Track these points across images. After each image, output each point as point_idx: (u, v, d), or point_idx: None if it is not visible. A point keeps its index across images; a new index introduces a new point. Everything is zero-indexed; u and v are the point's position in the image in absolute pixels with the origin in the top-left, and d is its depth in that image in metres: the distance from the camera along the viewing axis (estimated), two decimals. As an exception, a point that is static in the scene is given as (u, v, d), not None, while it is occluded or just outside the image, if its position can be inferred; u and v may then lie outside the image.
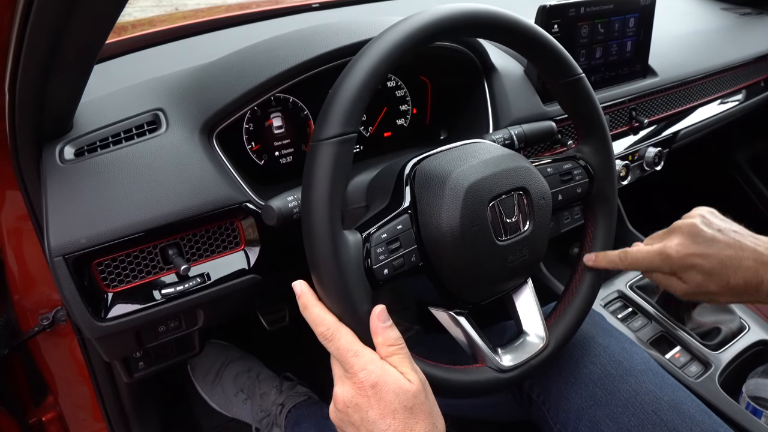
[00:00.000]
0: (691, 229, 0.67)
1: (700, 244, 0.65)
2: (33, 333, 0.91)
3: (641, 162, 1.23)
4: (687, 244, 0.66)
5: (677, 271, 0.67)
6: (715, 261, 0.64)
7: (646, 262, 0.69)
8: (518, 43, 0.69)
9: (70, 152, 0.68)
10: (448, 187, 0.62)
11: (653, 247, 0.69)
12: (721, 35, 1.50)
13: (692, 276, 0.65)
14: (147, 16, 3.27)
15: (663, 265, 0.67)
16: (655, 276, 0.71)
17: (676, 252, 0.66)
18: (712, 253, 0.64)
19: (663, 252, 0.67)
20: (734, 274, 0.63)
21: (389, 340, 0.55)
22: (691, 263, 0.65)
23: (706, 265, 0.64)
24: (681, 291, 0.68)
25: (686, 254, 0.65)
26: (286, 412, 1.18)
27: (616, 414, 0.74)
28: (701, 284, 0.65)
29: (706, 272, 0.64)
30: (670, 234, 0.69)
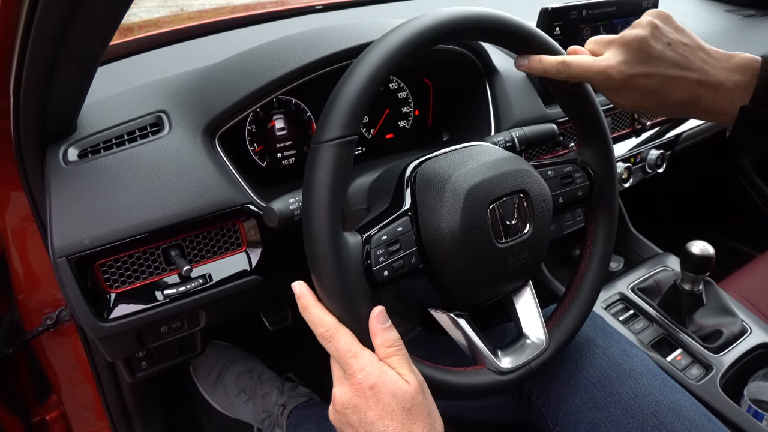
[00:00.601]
0: (638, 43, 0.62)
1: (645, 63, 0.62)
2: (37, 332, 0.92)
3: (643, 164, 1.23)
4: (631, 62, 0.62)
5: (617, 89, 0.64)
6: (657, 80, 0.61)
7: (586, 77, 0.65)
8: (519, 47, 0.69)
9: (73, 154, 0.68)
10: (448, 190, 0.62)
11: (596, 63, 0.64)
12: (724, 37, 1.50)
13: (630, 94, 0.63)
14: (153, 16, 3.29)
15: (603, 83, 0.64)
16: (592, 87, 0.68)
17: (619, 72, 0.62)
18: (656, 72, 0.61)
19: (605, 71, 0.63)
20: (672, 92, 0.61)
21: (388, 342, 0.56)
22: (632, 83, 0.62)
23: (647, 85, 0.62)
24: (616, 105, 0.66)
25: (629, 74, 0.62)
26: (287, 412, 1.19)
27: (615, 416, 0.74)
28: (637, 101, 0.63)
29: (646, 91, 0.62)
30: (616, 46, 0.64)
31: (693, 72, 0.62)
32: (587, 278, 0.77)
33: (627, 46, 0.63)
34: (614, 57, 0.63)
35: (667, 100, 0.62)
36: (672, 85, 0.62)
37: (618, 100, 0.66)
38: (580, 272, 0.78)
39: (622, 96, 0.64)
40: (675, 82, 0.61)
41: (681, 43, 0.63)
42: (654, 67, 0.62)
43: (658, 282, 1.15)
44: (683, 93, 0.61)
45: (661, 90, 0.62)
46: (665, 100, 0.62)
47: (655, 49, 0.62)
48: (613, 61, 0.63)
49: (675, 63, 0.62)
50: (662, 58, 0.62)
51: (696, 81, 0.61)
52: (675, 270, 1.19)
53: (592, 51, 0.67)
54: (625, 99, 0.64)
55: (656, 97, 0.62)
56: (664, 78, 0.62)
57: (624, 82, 0.62)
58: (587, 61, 0.65)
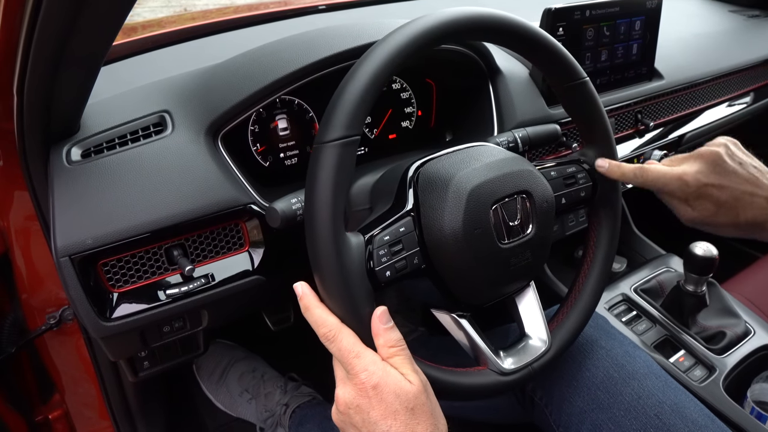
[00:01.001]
0: (714, 158, 0.65)
1: (720, 174, 0.64)
2: (40, 332, 0.92)
3: (647, 165, 1.22)
4: (707, 172, 0.65)
5: (690, 198, 0.66)
6: (730, 194, 0.63)
7: (661, 183, 0.68)
8: (522, 47, 0.69)
9: (77, 153, 0.69)
10: (450, 190, 0.62)
11: (672, 170, 0.67)
12: (728, 37, 1.49)
13: (704, 205, 0.65)
14: (156, 16, 3.29)
15: (677, 190, 0.66)
16: (667, 198, 0.69)
17: (695, 179, 0.65)
18: (730, 185, 0.64)
19: (681, 177, 0.66)
20: (745, 210, 0.63)
21: (390, 342, 0.56)
22: (706, 193, 0.64)
23: (721, 197, 0.64)
24: (688, 217, 0.67)
25: (704, 183, 0.64)
26: (290, 412, 1.19)
27: (618, 417, 0.73)
28: (710, 215, 0.65)
29: (719, 204, 0.64)
30: (692, 159, 0.67)
31: (763, 189, 0.64)
32: (590, 279, 0.77)
33: (702, 159, 0.66)
34: (690, 167, 0.66)
35: (740, 218, 0.63)
36: (744, 201, 0.63)
37: (690, 212, 0.67)
38: (583, 273, 0.78)
39: (696, 206, 0.66)
40: (747, 198, 0.63)
41: (751, 165, 0.66)
42: (728, 181, 0.64)
43: (661, 283, 1.15)
44: (755, 212, 0.63)
45: (734, 205, 0.64)
46: (737, 217, 0.64)
47: (729, 165, 0.65)
48: (690, 170, 0.66)
49: (747, 180, 0.64)
50: (735, 173, 0.64)
51: (766, 199, 0.63)
52: (678, 271, 1.18)
53: (667, 165, 0.70)
54: (699, 210, 0.66)
55: (729, 212, 0.64)
56: (737, 193, 0.64)
57: (699, 190, 0.65)
58: (664, 168, 0.68)
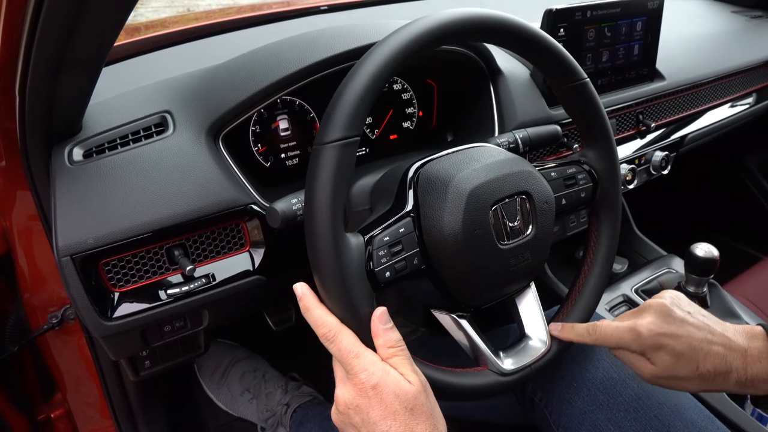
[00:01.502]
0: (662, 308, 0.65)
1: (671, 324, 0.63)
2: (42, 331, 0.92)
3: (648, 166, 1.22)
4: (658, 323, 0.64)
5: (646, 351, 0.64)
6: (686, 344, 0.62)
7: (614, 338, 0.66)
8: (522, 48, 0.69)
9: (78, 154, 0.69)
10: (450, 191, 0.62)
11: (623, 324, 0.66)
12: (731, 38, 1.49)
13: (661, 357, 0.63)
14: (159, 16, 3.30)
15: (632, 343, 0.65)
16: (623, 354, 0.68)
17: (647, 330, 0.64)
18: (683, 334, 0.63)
19: (634, 329, 0.64)
20: (704, 359, 0.62)
21: (390, 342, 0.56)
22: (662, 343, 0.63)
23: (677, 347, 0.62)
24: (649, 373, 0.65)
25: (657, 333, 0.63)
26: (291, 412, 1.19)
27: (618, 418, 0.74)
28: (670, 367, 0.63)
29: (677, 354, 0.62)
30: (641, 312, 0.67)
31: (717, 336, 0.63)
32: (590, 280, 0.77)
33: (650, 310, 0.66)
34: (642, 318, 0.65)
35: (700, 368, 0.62)
36: (701, 351, 0.62)
37: (650, 367, 0.65)
38: (584, 273, 0.78)
39: (654, 359, 0.64)
40: (705, 346, 0.62)
41: (699, 313, 0.66)
42: (681, 329, 0.63)
43: (662, 284, 1.15)
44: (715, 360, 0.62)
45: (691, 356, 0.62)
46: (697, 368, 0.62)
47: (678, 313, 0.64)
48: (641, 321, 0.65)
49: (699, 327, 0.63)
50: (685, 321, 0.64)
51: (723, 345, 0.62)
52: (679, 272, 1.18)
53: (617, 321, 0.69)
54: (658, 363, 0.64)
55: (688, 363, 0.62)
56: (692, 341, 0.62)
57: (654, 340, 0.63)
58: (615, 323, 0.67)
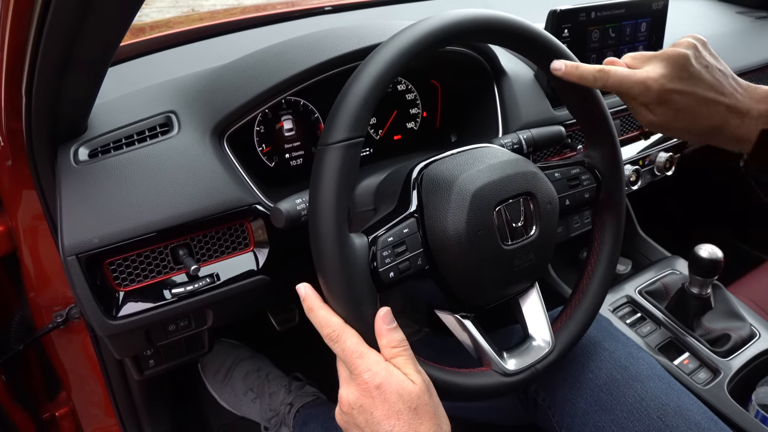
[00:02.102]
0: (681, 60, 0.63)
1: (684, 80, 0.62)
2: (47, 330, 0.93)
3: (652, 167, 1.22)
4: (671, 77, 0.62)
5: (651, 104, 0.64)
6: (693, 100, 0.62)
7: (624, 87, 0.64)
8: (526, 49, 0.69)
9: (84, 153, 0.69)
10: (454, 192, 0.62)
11: (635, 74, 0.64)
12: (735, 39, 1.49)
13: (664, 111, 0.63)
14: (164, 16, 3.31)
15: (640, 95, 0.64)
16: (627, 100, 0.67)
17: (658, 84, 0.62)
18: (692, 91, 0.62)
19: (644, 82, 0.63)
20: (703, 117, 0.61)
21: (393, 342, 0.56)
22: (668, 99, 0.62)
23: (681, 103, 0.62)
24: (648, 121, 0.65)
25: (667, 89, 0.62)
26: (294, 411, 1.19)
27: (621, 419, 0.73)
28: (670, 120, 0.63)
29: (679, 110, 0.62)
30: (657, 60, 0.64)
31: (725, 97, 0.62)
32: (594, 280, 0.77)
33: (668, 61, 0.63)
34: (654, 70, 0.64)
35: (697, 123, 0.62)
36: (705, 108, 0.62)
37: (649, 116, 0.65)
38: (587, 274, 0.78)
39: (656, 111, 0.64)
40: (708, 105, 0.62)
41: (716, 69, 0.64)
42: (692, 86, 0.62)
43: (666, 285, 1.15)
44: (714, 119, 0.62)
45: (693, 111, 0.62)
46: (695, 122, 0.62)
47: (695, 68, 0.62)
48: (653, 74, 0.63)
49: (710, 86, 0.62)
50: (700, 78, 0.62)
51: (726, 106, 0.62)
52: (683, 273, 1.18)
53: (630, 65, 0.67)
54: (658, 115, 0.64)
55: (688, 118, 0.62)
56: (699, 99, 0.62)
57: (661, 95, 0.62)
58: (626, 71, 0.65)
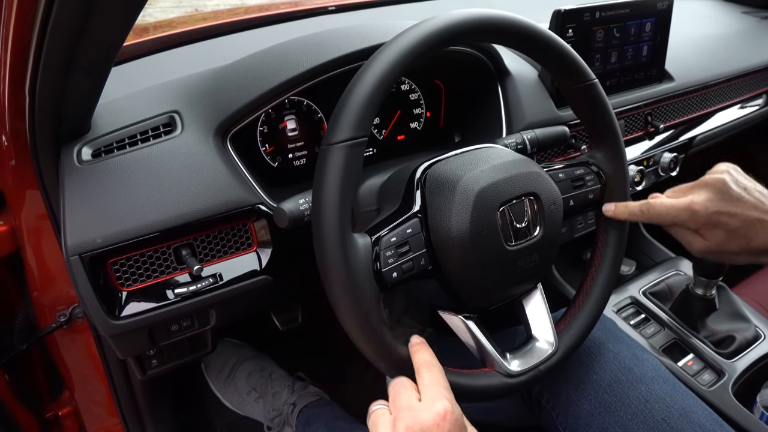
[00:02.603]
0: (720, 185, 0.65)
1: (728, 202, 0.64)
2: (50, 329, 0.93)
3: (656, 167, 1.22)
4: (715, 200, 0.64)
5: (701, 228, 0.65)
6: (740, 221, 0.63)
7: (670, 217, 0.67)
8: (530, 49, 0.69)
9: (87, 153, 0.69)
10: (458, 192, 0.62)
11: (679, 201, 0.66)
12: (741, 39, 1.48)
13: (716, 234, 0.64)
14: (168, 16, 3.31)
15: (688, 221, 0.65)
16: (676, 230, 0.68)
17: (704, 208, 0.64)
18: (739, 212, 0.63)
19: (690, 207, 0.65)
20: (756, 235, 0.62)
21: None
22: (717, 221, 0.63)
23: (731, 224, 0.63)
24: (701, 248, 0.66)
25: (714, 211, 0.64)
26: (297, 411, 1.19)
27: (625, 421, 0.73)
28: (723, 243, 0.64)
29: (730, 231, 0.63)
30: (697, 188, 0.67)
31: None
32: (598, 281, 0.77)
33: (708, 187, 0.65)
34: (698, 196, 0.65)
35: (752, 243, 0.63)
36: (755, 227, 0.63)
37: (702, 242, 0.65)
38: (591, 275, 0.77)
39: (707, 235, 0.65)
40: (758, 224, 0.63)
41: (755, 190, 0.65)
42: (737, 207, 0.63)
43: (670, 286, 1.14)
44: (765, 237, 0.62)
45: (745, 232, 0.63)
46: (749, 243, 0.63)
47: (735, 191, 0.64)
48: (698, 199, 0.65)
49: (755, 206, 0.63)
50: (742, 200, 0.64)
51: None
52: (688, 274, 1.18)
53: (672, 197, 0.69)
54: (711, 238, 0.64)
55: (741, 239, 0.63)
56: (747, 219, 0.63)
57: (710, 218, 0.64)
58: (670, 201, 0.67)
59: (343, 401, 1.22)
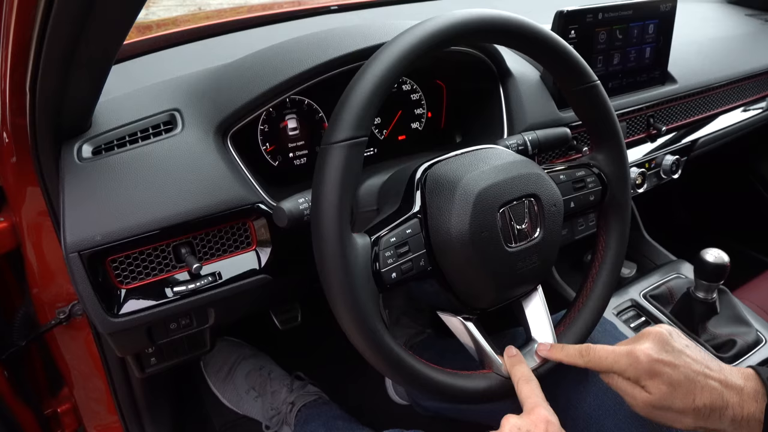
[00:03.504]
0: (660, 337, 0.63)
1: (670, 353, 0.62)
2: (50, 326, 0.93)
3: (658, 170, 1.21)
4: (657, 349, 0.62)
5: (642, 378, 0.62)
6: (683, 374, 0.61)
7: (609, 361, 0.64)
8: (532, 49, 0.69)
9: (87, 150, 0.69)
10: (458, 193, 0.62)
11: (620, 348, 0.64)
12: (744, 42, 1.48)
13: (658, 386, 0.61)
14: (171, 15, 3.31)
15: (628, 368, 0.63)
16: (615, 381, 0.65)
17: (645, 356, 0.62)
18: (681, 364, 0.61)
19: (631, 353, 0.62)
20: (700, 392, 0.60)
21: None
22: (659, 370, 0.61)
23: (674, 376, 0.61)
24: (643, 401, 0.63)
25: (655, 359, 0.61)
26: (296, 410, 1.19)
27: (625, 424, 0.73)
28: (666, 397, 0.61)
29: (673, 384, 0.60)
30: (639, 339, 0.65)
31: (714, 372, 0.62)
32: (598, 284, 0.76)
33: (650, 337, 0.64)
34: (639, 345, 0.63)
35: (696, 401, 0.60)
36: (698, 384, 0.61)
37: (644, 395, 0.63)
38: (591, 278, 0.77)
39: (650, 387, 0.62)
40: (701, 380, 0.61)
41: (696, 348, 0.64)
42: (678, 359, 0.62)
43: (671, 289, 1.14)
44: (711, 395, 0.60)
45: (689, 388, 0.61)
46: (693, 401, 0.60)
47: (676, 343, 0.63)
48: (639, 346, 0.63)
49: (696, 360, 0.62)
50: (684, 352, 0.63)
51: (719, 381, 0.61)
52: (689, 277, 1.17)
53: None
54: (653, 391, 0.62)
55: (686, 395, 0.61)
56: (690, 373, 0.61)
57: (651, 366, 0.61)
58: (611, 347, 0.65)
59: (341, 401, 1.22)
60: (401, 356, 0.60)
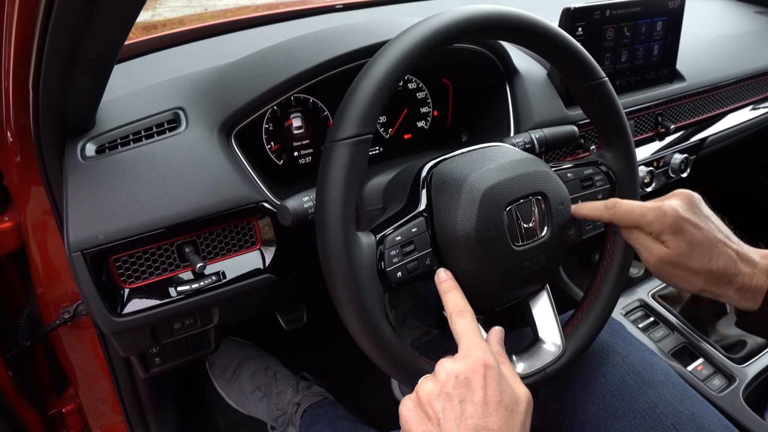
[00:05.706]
0: (690, 198, 0.64)
1: (696, 215, 0.63)
2: (54, 326, 0.93)
3: (666, 168, 1.20)
4: (685, 208, 0.63)
5: (664, 233, 0.62)
6: (705, 236, 0.62)
7: (636, 215, 0.64)
8: (539, 46, 0.68)
9: (91, 149, 0.69)
10: (464, 191, 0.61)
11: (648, 203, 0.65)
12: (753, 39, 1.46)
13: (678, 242, 0.62)
14: (177, 16, 3.32)
15: (654, 221, 0.63)
16: (636, 235, 0.66)
17: (673, 211, 0.62)
18: (705, 227, 0.62)
19: (659, 208, 0.63)
20: (717, 256, 0.61)
21: (499, 352, 0.58)
22: (683, 228, 0.62)
23: (696, 236, 0.61)
24: (659, 256, 0.63)
25: (682, 217, 0.62)
26: (301, 411, 1.19)
27: (633, 426, 0.72)
28: (684, 254, 0.62)
29: (693, 244, 0.61)
30: (669, 197, 0.65)
31: (733, 243, 0.63)
32: (606, 284, 0.75)
33: (680, 196, 0.65)
34: (668, 201, 0.64)
35: (710, 264, 0.61)
36: (716, 248, 0.62)
37: (662, 249, 0.63)
38: (599, 277, 0.76)
39: (670, 243, 0.62)
40: (719, 246, 0.62)
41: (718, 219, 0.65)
42: (703, 222, 0.63)
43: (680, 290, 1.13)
44: (727, 262, 0.62)
45: (708, 250, 0.62)
46: (709, 262, 0.61)
47: (704, 209, 0.64)
48: (668, 202, 0.64)
49: (720, 229, 0.64)
50: (709, 218, 0.64)
51: (736, 252, 0.62)
52: (698, 277, 1.16)
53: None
54: (673, 246, 0.62)
55: (701, 255, 0.62)
56: (710, 237, 0.62)
57: (677, 222, 0.62)
58: (638, 202, 0.66)
59: (347, 401, 1.21)
60: (407, 357, 0.60)
